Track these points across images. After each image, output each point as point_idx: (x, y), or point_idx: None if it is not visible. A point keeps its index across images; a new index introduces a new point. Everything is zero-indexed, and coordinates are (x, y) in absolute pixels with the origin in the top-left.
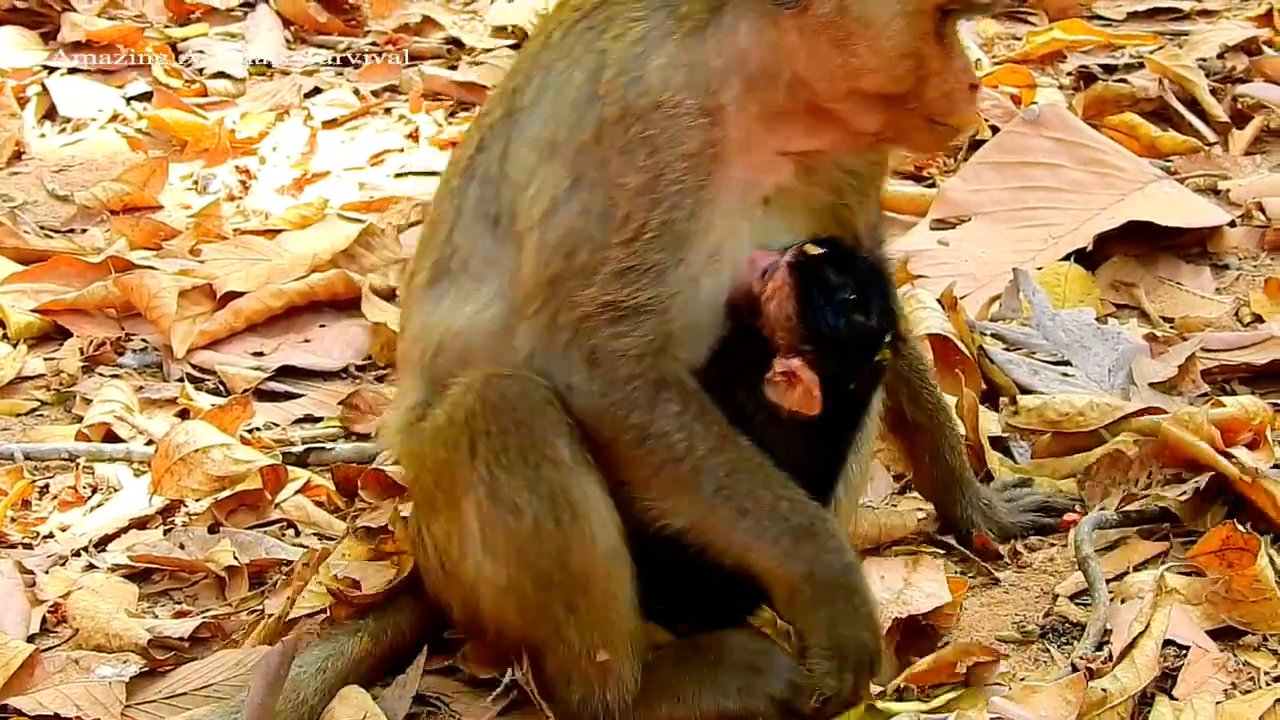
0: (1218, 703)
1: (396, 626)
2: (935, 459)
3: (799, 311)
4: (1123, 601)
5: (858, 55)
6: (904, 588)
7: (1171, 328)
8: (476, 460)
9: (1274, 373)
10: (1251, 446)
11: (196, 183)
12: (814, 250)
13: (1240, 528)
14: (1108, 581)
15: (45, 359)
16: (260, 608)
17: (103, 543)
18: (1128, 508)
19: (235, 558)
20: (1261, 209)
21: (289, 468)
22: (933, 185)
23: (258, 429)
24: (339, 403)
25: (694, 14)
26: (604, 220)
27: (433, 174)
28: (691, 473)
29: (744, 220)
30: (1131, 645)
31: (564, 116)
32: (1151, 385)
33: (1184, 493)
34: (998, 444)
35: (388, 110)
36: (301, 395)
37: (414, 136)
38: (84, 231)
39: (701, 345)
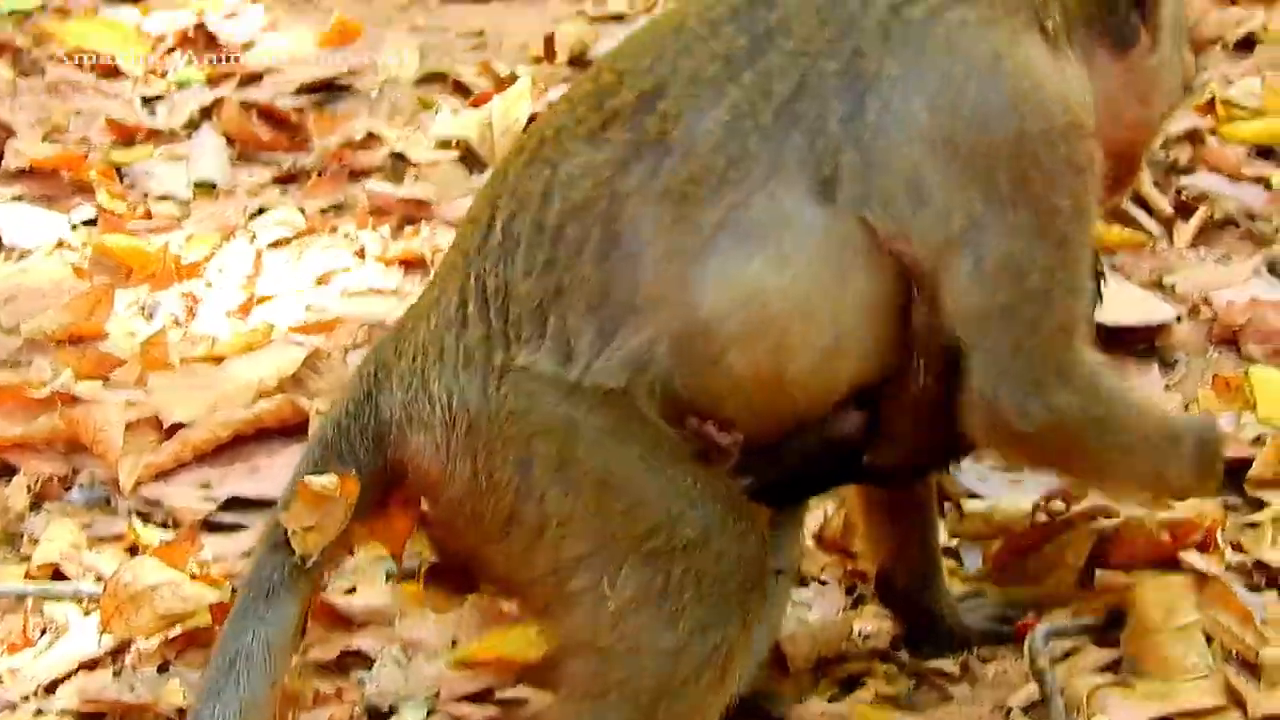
0: None
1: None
2: (923, 542)
3: None
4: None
5: (1150, 111)
6: None
7: None
8: (689, 558)
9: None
10: (1202, 548)
11: (143, 309)
12: None
13: None
14: (1062, 691)
15: None
16: None
17: (52, 686)
18: (1079, 619)
19: (184, 697)
20: (1208, 302)
21: None
22: None
23: (207, 562)
24: None
25: (1057, 38)
26: (1041, 242)
27: (379, 293)
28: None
29: None
30: None
31: (962, 114)
32: None
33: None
34: (948, 553)
35: (334, 228)
36: (250, 526)
37: (360, 254)
38: (30, 363)
39: None
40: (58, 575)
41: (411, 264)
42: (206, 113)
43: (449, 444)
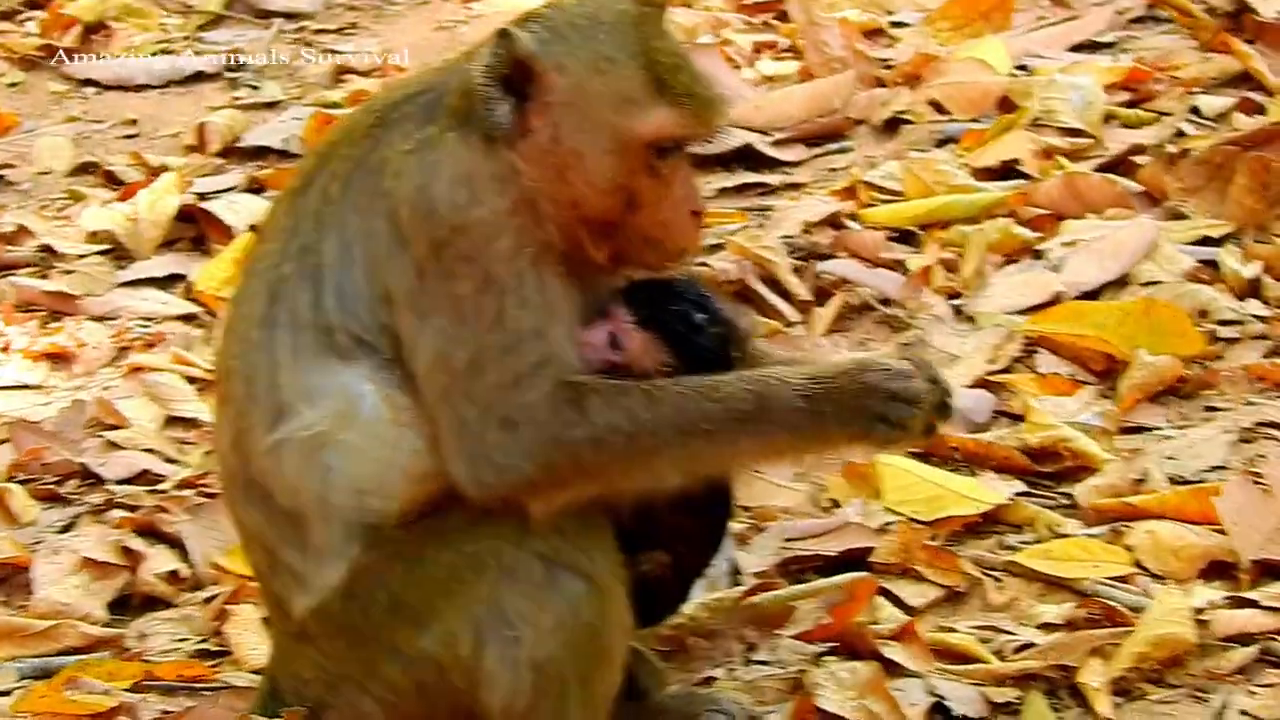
0: None
1: None
2: None
3: (674, 353)
4: None
5: (572, 184)
6: None
7: (749, 517)
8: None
9: (848, 561)
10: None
11: None
12: (642, 300)
13: None
14: None
15: None
16: None
17: None
18: None
19: None
20: None
21: None
22: None
23: None
24: None
25: (447, 139)
26: (460, 325)
27: (25, 388)
28: (650, 435)
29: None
30: None
31: (384, 269)
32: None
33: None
34: None
35: None
36: None
37: (5, 349)
38: None
39: None
40: None
41: (58, 358)
42: None
43: None
